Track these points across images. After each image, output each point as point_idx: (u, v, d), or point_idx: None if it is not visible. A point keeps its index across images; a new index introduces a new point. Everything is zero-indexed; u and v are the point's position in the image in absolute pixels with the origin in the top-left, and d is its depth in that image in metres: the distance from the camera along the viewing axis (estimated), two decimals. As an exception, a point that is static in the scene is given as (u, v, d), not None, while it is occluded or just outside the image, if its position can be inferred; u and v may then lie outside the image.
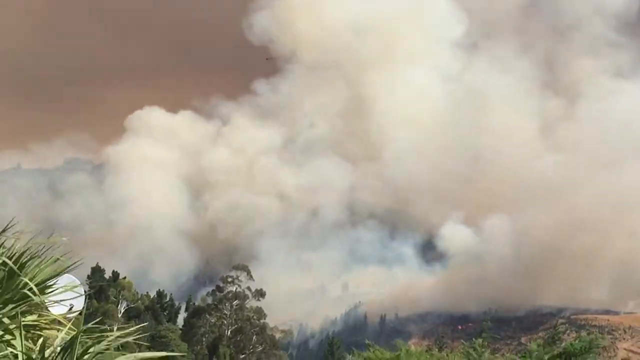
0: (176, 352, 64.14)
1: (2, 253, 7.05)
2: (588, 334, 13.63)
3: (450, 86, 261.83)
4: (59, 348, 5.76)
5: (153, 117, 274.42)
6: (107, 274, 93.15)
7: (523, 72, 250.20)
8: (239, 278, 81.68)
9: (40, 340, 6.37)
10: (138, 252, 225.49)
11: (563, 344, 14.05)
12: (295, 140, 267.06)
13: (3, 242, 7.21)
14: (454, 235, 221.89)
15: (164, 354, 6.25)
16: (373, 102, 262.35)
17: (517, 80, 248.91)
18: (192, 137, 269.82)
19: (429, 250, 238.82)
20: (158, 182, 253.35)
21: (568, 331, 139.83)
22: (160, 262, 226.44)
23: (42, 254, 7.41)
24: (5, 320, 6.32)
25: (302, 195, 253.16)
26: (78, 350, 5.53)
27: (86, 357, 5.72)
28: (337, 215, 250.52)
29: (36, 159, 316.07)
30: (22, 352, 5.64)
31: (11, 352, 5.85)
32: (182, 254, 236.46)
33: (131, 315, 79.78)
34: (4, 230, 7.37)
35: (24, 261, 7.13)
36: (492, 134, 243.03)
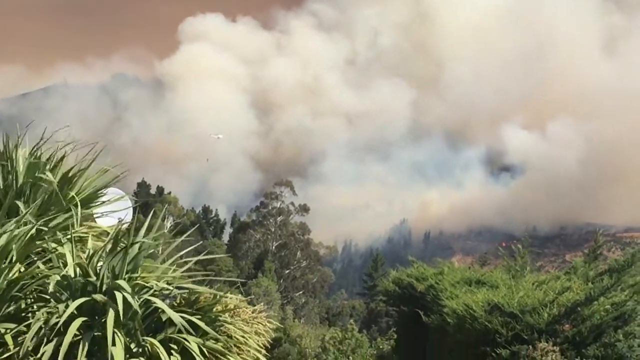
0: (221, 266, 65.30)
1: (52, 165, 7.15)
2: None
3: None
4: (107, 256, 5.87)
5: (209, 24, 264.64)
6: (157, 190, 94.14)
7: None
8: (284, 194, 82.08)
9: (87, 250, 6.51)
10: (199, 169, 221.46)
11: (608, 260, 13.98)
12: (358, 57, 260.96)
13: (51, 154, 7.29)
14: (517, 145, 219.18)
15: (210, 257, 6.34)
16: (435, 15, 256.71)
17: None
18: (253, 47, 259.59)
19: (487, 165, 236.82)
20: (219, 96, 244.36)
21: (613, 249, 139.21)
22: (222, 180, 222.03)
23: (92, 167, 7.48)
24: (56, 232, 6.44)
25: (364, 115, 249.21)
26: (128, 258, 5.64)
27: (134, 267, 5.83)
28: (398, 135, 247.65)
29: (91, 73, 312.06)
30: (72, 261, 5.76)
31: (62, 262, 5.97)
32: (245, 172, 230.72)
33: (177, 231, 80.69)
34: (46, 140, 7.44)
35: (73, 173, 7.22)
36: (553, 46, 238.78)
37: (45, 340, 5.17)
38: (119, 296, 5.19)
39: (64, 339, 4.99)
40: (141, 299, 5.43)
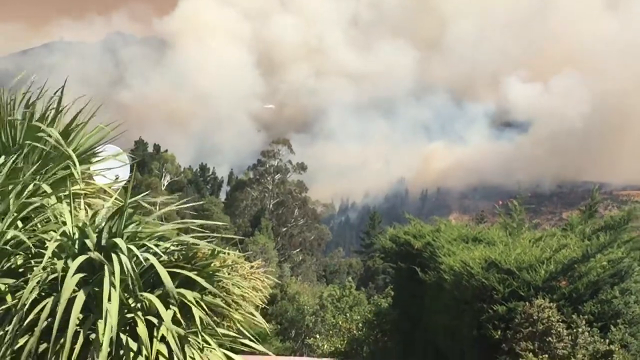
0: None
1: (50, 120, 7.11)
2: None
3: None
4: (106, 215, 5.87)
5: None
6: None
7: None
8: (281, 152, 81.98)
9: (84, 208, 6.50)
10: (202, 128, 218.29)
11: (604, 218, 14.03)
12: (361, 15, 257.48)
13: (47, 110, 7.24)
14: (521, 100, 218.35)
15: (206, 222, 6.34)
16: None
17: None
18: (255, 2, 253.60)
19: (490, 122, 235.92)
20: (220, 53, 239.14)
21: (610, 207, 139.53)
22: (225, 139, 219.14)
23: (91, 124, 7.44)
24: (52, 188, 6.43)
25: (367, 75, 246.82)
26: (125, 217, 5.64)
27: (131, 225, 5.83)
28: (402, 94, 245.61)
29: (92, 30, 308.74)
30: (70, 219, 5.76)
31: (60, 220, 5.97)
32: (248, 132, 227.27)
33: (174, 189, 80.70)
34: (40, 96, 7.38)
35: (70, 130, 7.19)
36: (556, 1, 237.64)
37: (43, 295, 5.20)
38: (115, 257, 5.21)
39: (61, 294, 5.01)
40: (138, 256, 5.44)
